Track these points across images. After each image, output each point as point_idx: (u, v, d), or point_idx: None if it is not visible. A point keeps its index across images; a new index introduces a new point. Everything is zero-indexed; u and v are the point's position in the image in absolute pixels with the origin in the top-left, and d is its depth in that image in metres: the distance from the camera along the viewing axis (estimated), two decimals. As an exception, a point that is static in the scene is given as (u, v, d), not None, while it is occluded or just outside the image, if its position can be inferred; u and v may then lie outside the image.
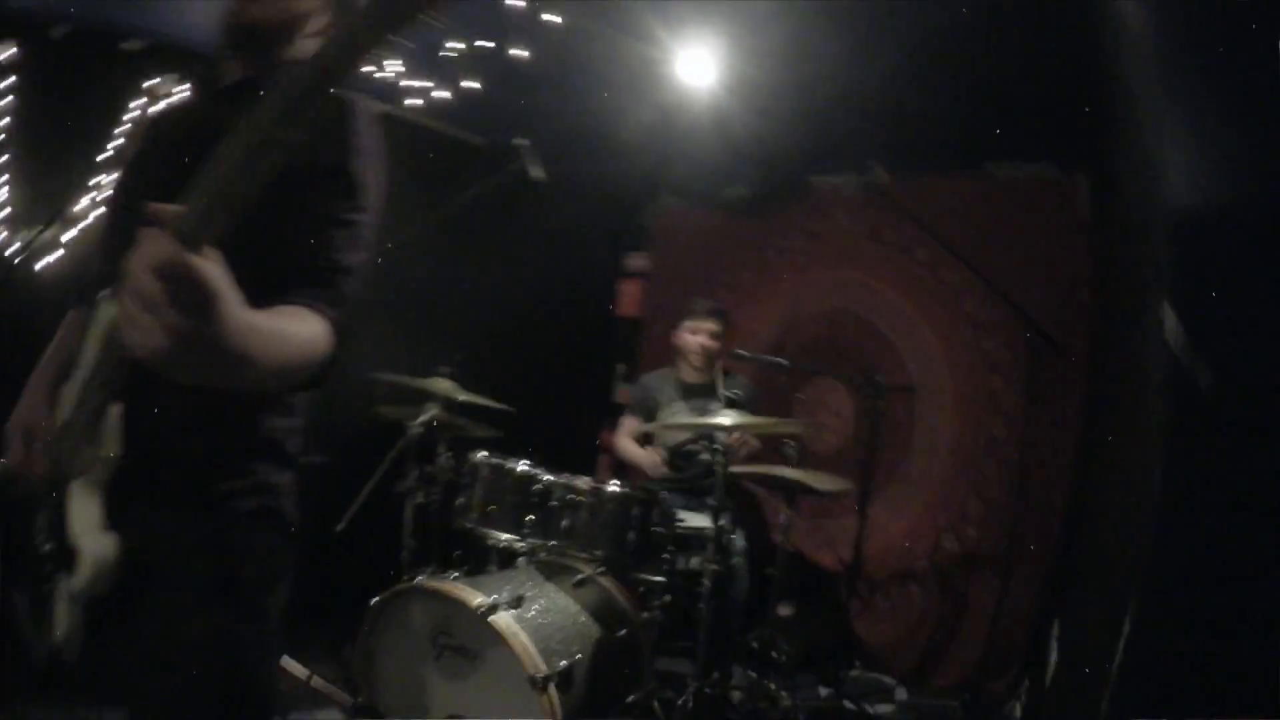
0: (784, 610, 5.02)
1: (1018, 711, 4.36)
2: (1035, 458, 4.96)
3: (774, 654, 4.47)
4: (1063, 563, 4.67)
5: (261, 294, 1.26)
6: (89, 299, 1.82)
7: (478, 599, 3.15)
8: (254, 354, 1.18)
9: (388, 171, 1.68)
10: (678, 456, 4.95)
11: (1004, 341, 5.19)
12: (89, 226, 5.02)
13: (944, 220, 5.26)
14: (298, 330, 1.39)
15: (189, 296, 1.01)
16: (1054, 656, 3.97)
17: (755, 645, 4.51)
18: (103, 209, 5.02)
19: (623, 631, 3.61)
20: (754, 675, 4.42)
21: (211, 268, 1.04)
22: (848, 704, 4.50)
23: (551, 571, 3.69)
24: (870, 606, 5.39)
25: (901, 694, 4.92)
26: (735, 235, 6.23)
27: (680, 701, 3.79)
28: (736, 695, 4.29)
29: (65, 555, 1.54)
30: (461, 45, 4.23)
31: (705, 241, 6.34)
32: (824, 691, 4.70)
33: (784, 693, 4.27)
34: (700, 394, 5.00)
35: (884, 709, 4.68)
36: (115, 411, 1.52)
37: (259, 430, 1.70)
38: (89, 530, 1.51)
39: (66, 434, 1.60)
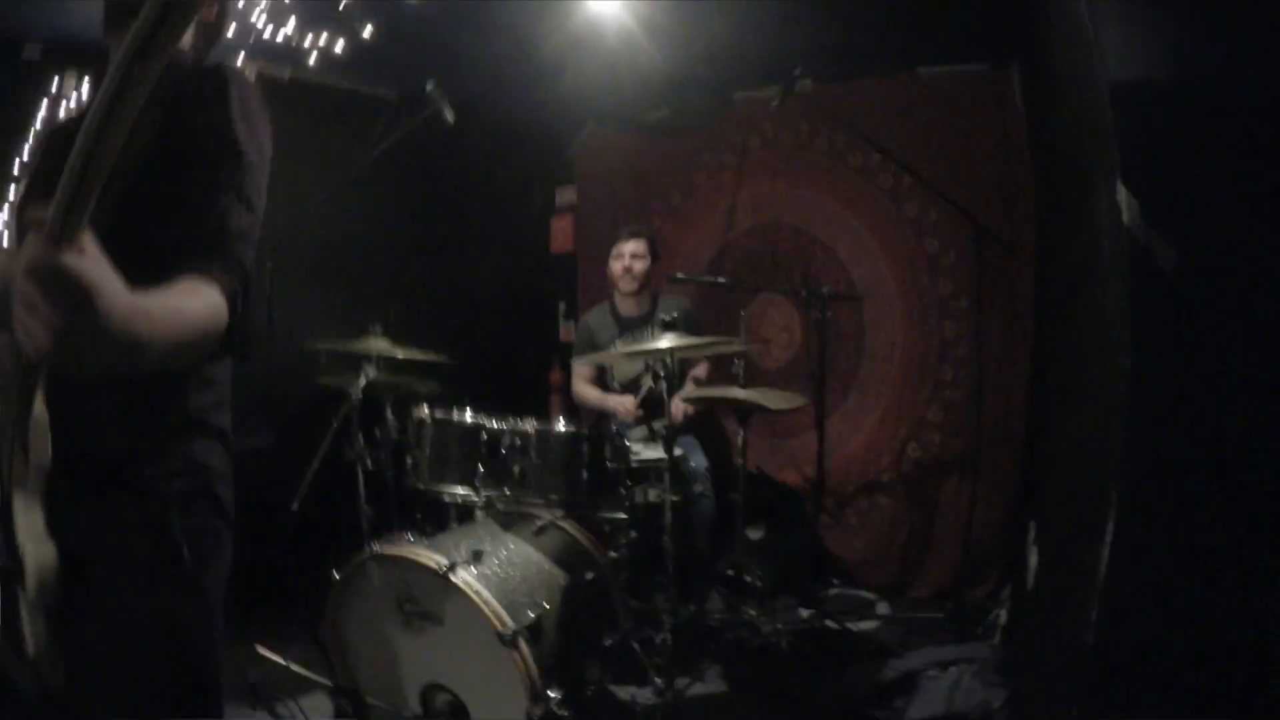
0: (753, 534, 4.97)
1: (1002, 619, 4.30)
2: (992, 357, 4.89)
3: (748, 579, 4.42)
4: (1032, 463, 4.66)
5: (155, 270, 1.32)
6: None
7: (435, 559, 3.07)
8: (144, 337, 1.20)
9: (275, 135, 1.70)
10: (631, 390, 4.85)
11: (948, 243, 5.14)
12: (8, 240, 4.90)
13: (877, 125, 5.17)
14: (191, 305, 1.40)
15: (63, 294, 1.05)
16: (1033, 560, 3.93)
17: (729, 572, 4.46)
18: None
19: (590, 575, 3.53)
20: (730, 603, 4.38)
21: (82, 261, 1.07)
22: (830, 623, 4.46)
23: (509, 522, 3.60)
24: (841, 522, 5.36)
25: (883, 608, 4.88)
26: (662, 159, 6.10)
27: (659, 639, 3.75)
28: (715, 624, 4.24)
29: (16, 568, 1.51)
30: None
31: (632, 168, 6.21)
32: (804, 613, 4.64)
33: (763, 618, 4.25)
34: (639, 324, 4.93)
35: (867, 625, 4.63)
36: (43, 417, 1.48)
37: (181, 410, 1.69)
38: (31, 539, 1.48)
39: (1, 448, 1.57)
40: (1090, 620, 2.06)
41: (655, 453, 3.98)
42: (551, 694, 2.99)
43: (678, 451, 3.82)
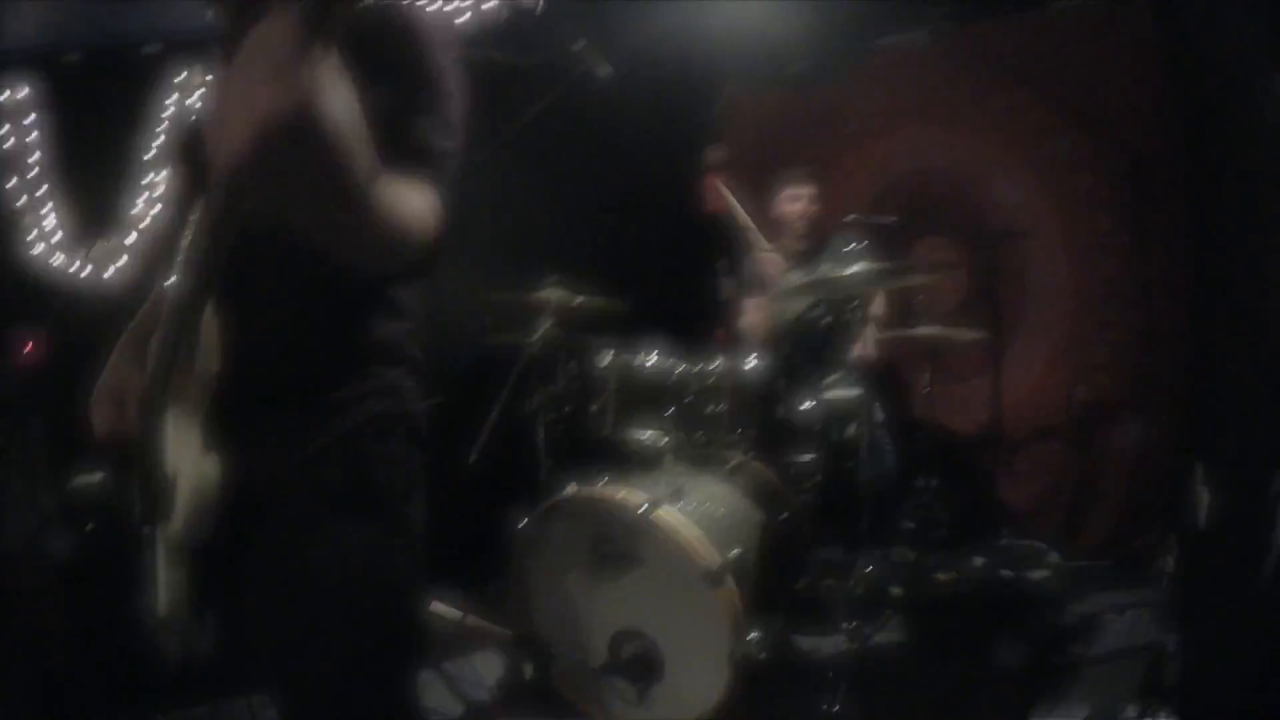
0: (927, 482, 4.89)
1: (1170, 564, 4.17)
2: (1155, 294, 4.77)
3: (930, 530, 4.34)
4: (1199, 400, 4.49)
5: None
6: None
7: (637, 497, 3.01)
8: (373, 199, 1.05)
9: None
10: (800, 328, 4.78)
11: (1101, 178, 5.01)
12: (150, 228, 5.08)
13: (1017, 64, 5.11)
14: (412, 197, 1.29)
15: (309, 88, 0.84)
16: (1204, 499, 3.80)
17: (910, 524, 4.38)
18: (161, 207, 5.08)
19: (785, 515, 3.48)
20: (912, 554, 4.29)
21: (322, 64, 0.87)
22: (1004, 573, 4.36)
23: (701, 463, 3.55)
24: (1011, 469, 5.23)
25: (1053, 557, 4.75)
26: (808, 113, 6.04)
27: (850, 583, 3.68)
28: (894, 573, 4.18)
29: (160, 497, 1.42)
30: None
31: (779, 124, 6.15)
32: (978, 561, 4.54)
33: (943, 568, 4.18)
34: (811, 261, 4.82)
35: (1039, 574, 4.51)
36: (212, 328, 1.39)
37: (373, 332, 1.57)
38: (187, 458, 1.39)
39: (157, 366, 1.49)
40: (1268, 556, 1.97)
41: (846, 390, 3.93)
42: (752, 635, 2.93)
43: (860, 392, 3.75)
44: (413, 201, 1.29)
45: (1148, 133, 4.75)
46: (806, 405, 3.73)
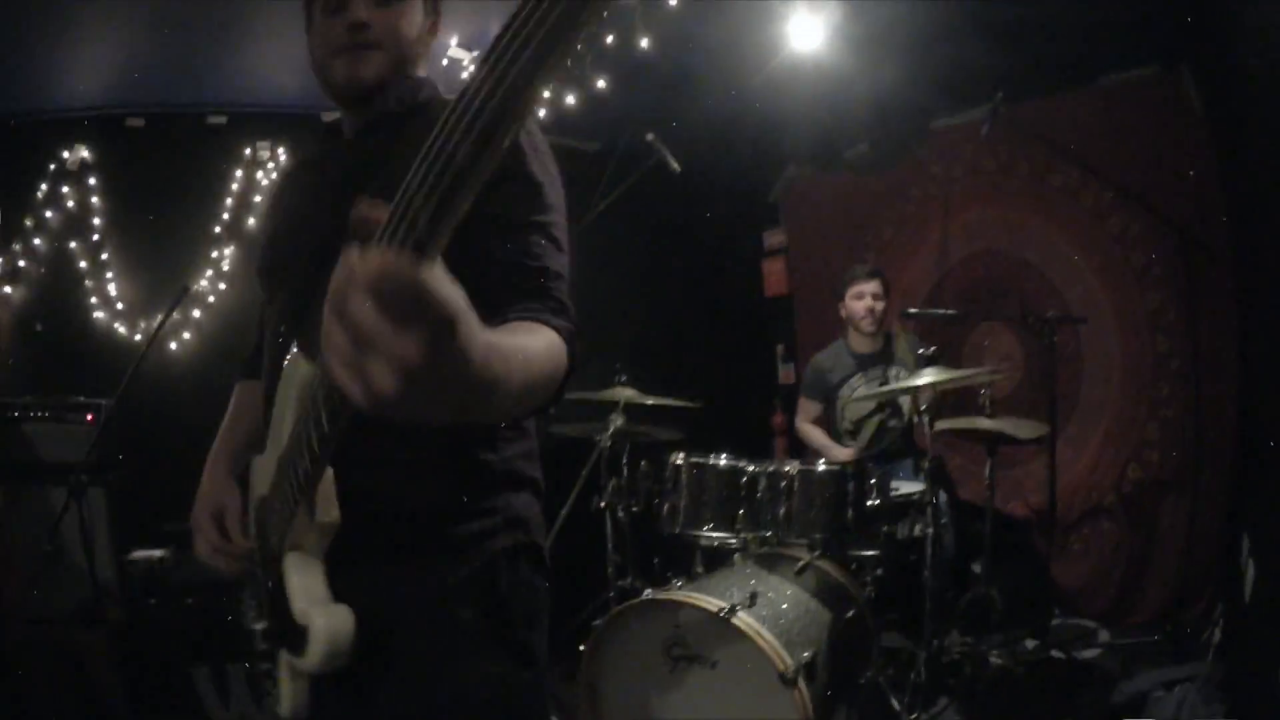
0: (980, 566, 4.91)
1: (1217, 636, 4.18)
2: (1205, 369, 4.80)
3: (986, 614, 4.36)
4: (1245, 474, 4.51)
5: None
6: (253, 369, 1.82)
7: (714, 602, 3.04)
8: (500, 379, 0.96)
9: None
10: (857, 431, 4.84)
11: (1154, 255, 5.02)
12: (216, 301, 5.10)
13: (1070, 141, 5.14)
14: (534, 345, 1.23)
15: (426, 321, 0.76)
16: (1250, 572, 3.82)
17: (965, 609, 4.40)
18: (228, 282, 5.10)
19: (851, 612, 3.51)
20: (969, 639, 4.31)
21: (446, 282, 0.78)
22: (1055, 653, 4.37)
23: (771, 564, 3.59)
24: (1064, 550, 5.27)
25: (1104, 635, 4.78)
26: (867, 194, 6.13)
27: (912, 676, 3.71)
28: (952, 659, 4.20)
29: (287, 633, 1.44)
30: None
31: (839, 206, 6.24)
32: (1030, 644, 4.56)
33: (997, 651, 4.20)
34: (876, 361, 4.92)
35: (1090, 654, 4.54)
36: (328, 475, 1.39)
37: (494, 461, 1.58)
38: (316, 604, 1.41)
39: (271, 507, 1.50)
40: None
41: (912, 487, 3.96)
42: (822, 733, 2.95)
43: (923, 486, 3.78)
44: (539, 350, 1.23)
45: (1197, 207, 4.77)
46: (872, 503, 3.76)
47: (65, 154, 4.91)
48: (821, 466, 3.73)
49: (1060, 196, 5.35)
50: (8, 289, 4.87)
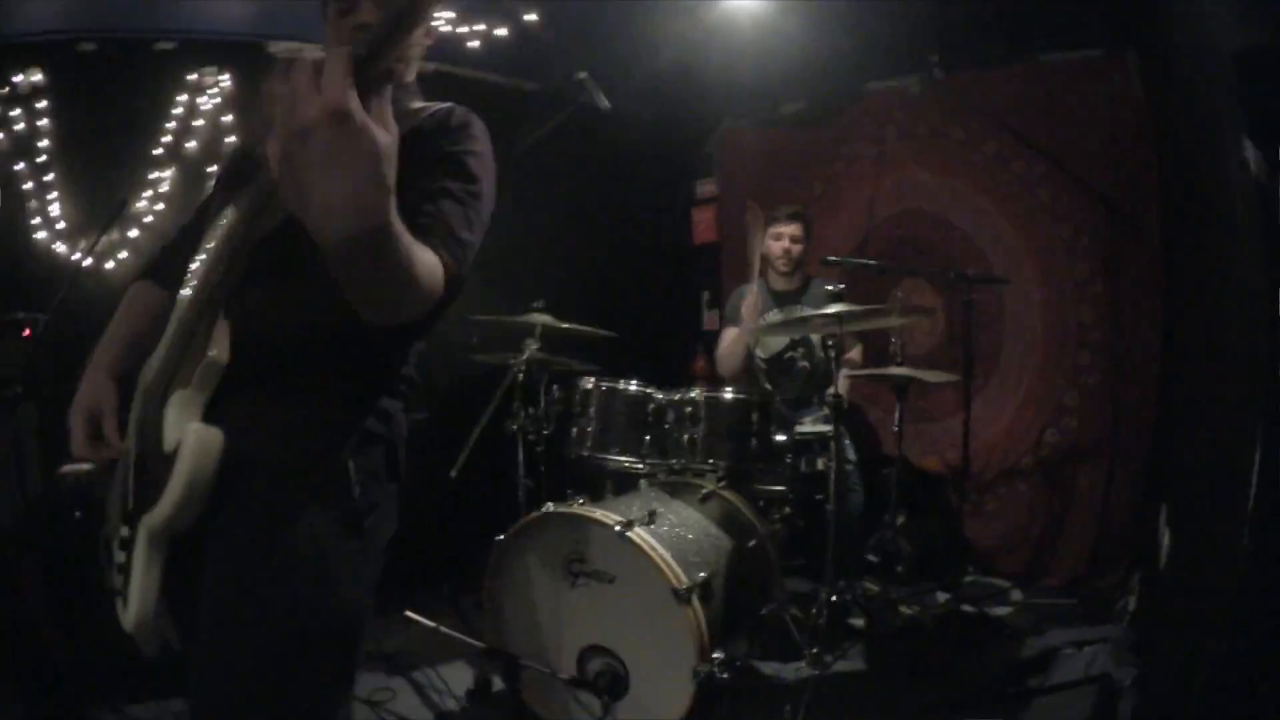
0: (895, 519, 4.98)
1: (1131, 604, 4.25)
2: (1126, 340, 4.91)
3: (898, 566, 4.43)
4: (1164, 444, 4.60)
5: None
6: (155, 272, 1.93)
7: (613, 518, 3.10)
8: (399, 245, 1.14)
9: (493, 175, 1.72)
10: (776, 365, 4.91)
11: (1082, 227, 5.13)
12: (152, 224, 5.08)
13: (1006, 112, 5.24)
14: (425, 254, 1.34)
15: (361, 145, 0.97)
16: (1166, 540, 3.88)
17: (874, 558, 4.47)
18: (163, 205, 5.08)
19: (752, 543, 3.57)
20: (876, 587, 4.39)
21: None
22: (967, 608, 4.43)
23: (675, 489, 3.65)
24: (979, 508, 5.35)
25: (1016, 595, 4.85)
26: (800, 150, 6.18)
27: (813, 611, 3.76)
28: (858, 604, 4.25)
29: (150, 486, 1.48)
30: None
31: (771, 160, 6.28)
32: (942, 597, 4.64)
33: (906, 602, 4.27)
34: (792, 300, 4.98)
35: (1001, 611, 4.60)
36: (224, 323, 1.49)
37: (384, 364, 1.71)
38: (189, 425, 1.45)
39: (170, 357, 1.55)
40: (1228, 597, 2.02)
41: (818, 426, 4.02)
42: (716, 655, 3.00)
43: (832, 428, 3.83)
44: (426, 260, 1.33)
45: (1127, 185, 4.88)
46: (779, 438, 3.82)
47: (18, 78, 4.89)
48: (728, 395, 3.77)
49: (992, 164, 5.43)
50: (-50, 208, 4.84)
